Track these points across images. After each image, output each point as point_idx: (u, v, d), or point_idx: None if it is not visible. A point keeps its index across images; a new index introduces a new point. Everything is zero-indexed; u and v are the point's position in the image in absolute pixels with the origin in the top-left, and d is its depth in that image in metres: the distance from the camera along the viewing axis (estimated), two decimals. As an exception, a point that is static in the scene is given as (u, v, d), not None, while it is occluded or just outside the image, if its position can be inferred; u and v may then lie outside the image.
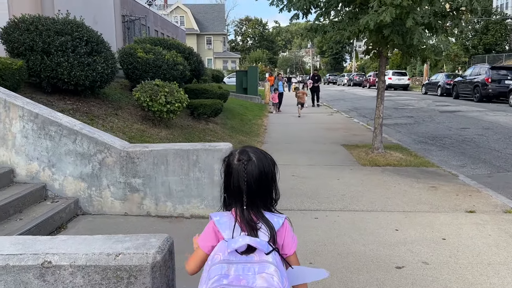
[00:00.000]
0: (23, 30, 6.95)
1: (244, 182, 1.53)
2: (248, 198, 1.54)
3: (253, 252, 1.48)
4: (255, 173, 1.54)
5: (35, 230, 3.84)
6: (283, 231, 1.61)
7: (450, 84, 25.14)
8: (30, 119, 4.65)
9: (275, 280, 1.44)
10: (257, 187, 1.55)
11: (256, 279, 1.43)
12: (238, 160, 1.57)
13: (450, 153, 8.95)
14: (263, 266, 1.46)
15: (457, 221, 4.66)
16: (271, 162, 1.63)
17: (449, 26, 7.84)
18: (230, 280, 1.42)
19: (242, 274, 1.43)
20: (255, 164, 1.56)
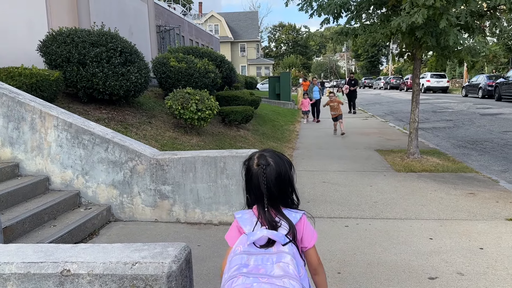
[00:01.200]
0: (60, 43, 7.23)
1: (264, 185, 1.64)
2: (268, 199, 1.66)
3: (272, 245, 1.58)
4: (274, 176, 1.66)
5: (67, 237, 3.95)
6: (301, 225, 1.72)
7: (491, 85, 24.14)
8: (64, 128, 4.81)
9: (291, 268, 1.53)
10: (276, 189, 1.66)
11: (274, 268, 1.52)
12: (257, 165, 1.68)
13: (491, 158, 8.55)
14: (280, 256, 1.56)
15: (496, 229, 4.43)
16: (287, 164, 1.75)
17: (487, 26, 7.52)
18: (250, 269, 1.53)
19: (261, 264, 1.54)
20: (273, 168, 1.68)
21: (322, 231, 4.51)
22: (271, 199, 1.66)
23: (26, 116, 4.88)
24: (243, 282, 1.50)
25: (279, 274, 1.51)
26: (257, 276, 1.51)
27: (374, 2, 7.66)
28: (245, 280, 1.50)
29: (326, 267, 3.66)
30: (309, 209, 5.27)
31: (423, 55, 7.95)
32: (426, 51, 7.82)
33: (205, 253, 3.95)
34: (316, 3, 7.63)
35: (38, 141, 4.88)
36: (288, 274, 1.51)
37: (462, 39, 6.42)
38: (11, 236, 3.71)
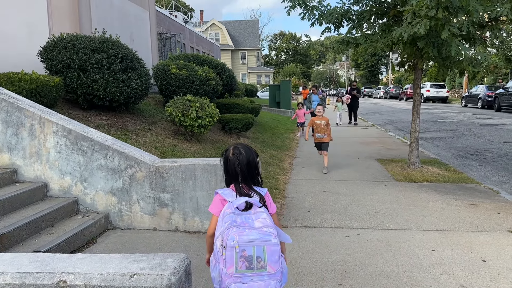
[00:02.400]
0: (61, 49, 7.22)
1: (238, 168, 2.29)
2: (241, 178, 2.30)
3: (250, 209, 2.19)
4: (245, 162, 2.30)
5: (64, 245, 3.90)
6: (266, 197, 2.35)
7: (491, 96, 24.17)
8: (63, 134, 4.78)
9: (267, 221, 2.15)
10: (246, 171, 2.30)
11: (255, 223, 2.13)
12: (232, 154, 2.33)
13: (492, 169, 8.52)
14: (258, 215, 2.18)
15: (498, 241, 4.38)
16: (254, 154, 2.38)
17: (488, 37, 7.53)
18: (238, 223, 2.11)
19: (245, 220, 2.14)
20: (244, 156, 2.31)
21: (323, 241, 4.46)
22: (244, 178, 2.30)
23: (25, 122, 4.85)
24: (237, 230, 2.07)
25: (259, 225, 2.12)
26: (245, 227, 2.09)
27: (375, 11, 7.68)
28: (238, 230, 2.07)
29: (327, 278, 3.62)
30: (310, 219, 5.23)
31: (424, 65, 7.94)
32: (427, 61, 7.81)
33: (204, 263, 3.89)
34: (317, 12, 7.64)
35: (37, 147, 4.84)
36: (266, 224, 2.13)
37: (464, 49, 6.41)
38: (7, 243, 3.66)
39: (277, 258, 2.09)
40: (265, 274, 2.06)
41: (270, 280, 2.08)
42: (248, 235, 2.06)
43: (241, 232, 2.07)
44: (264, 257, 2.06)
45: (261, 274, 2.06)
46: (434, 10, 5.75)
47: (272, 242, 2.09)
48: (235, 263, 2.03)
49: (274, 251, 2.08)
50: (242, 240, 2.05)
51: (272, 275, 2.08)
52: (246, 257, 2.04)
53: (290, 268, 3.76)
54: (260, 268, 2.05)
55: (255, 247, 2.05)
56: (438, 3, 5.71)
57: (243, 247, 2.04)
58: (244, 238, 2.05)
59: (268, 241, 2.08)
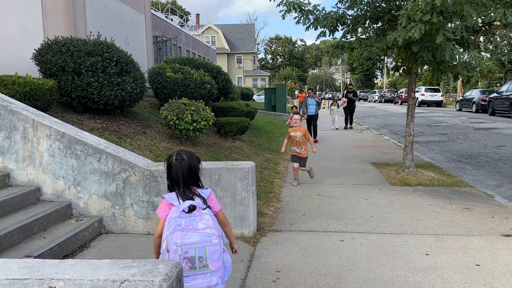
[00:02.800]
0: (55, 52, 7.18)
1: (180, 173, 2.45)
2: (183, 182, 2.45)
3: (194, 210, 2.34)
4: (186, 167, 2.46)
5: (57, 249, 3.87)
6: (211, 198, 2.52)
7: (485, 100, 24.33)
8: (57, 138, 4.74)
9: (210, 222, 2.33)
10: (188, 175, 2.46)
11: (199, 225, 2.31)
12: (175, 159, 2.48)
13: (486, 172, 8.55)
14: (201, 216, 2.34)
15: (492, 245, 4.39)
16: (196, 159, 2.54)
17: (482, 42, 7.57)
18: (183, 226, 2.28)
19: (189, 223, 2.30)
20: (186, 161, 2.47)
21: (318, 245, 4.45)
22: (185, 183, 2.45)
23: (18, 125, 4.81)
24: (180, 234, 2.25)
25: (202, 227, 2.30)
26: (188, 230, 2.27)
27: (370, 16, 7.71)
28: (181, 233, 2.25)
29: (322, 283, 3.61)
30: (305, 222, 5.22)
31: (418, 69, 7.97)
32: (422, 66, 7.85)
33: (197, 267, 3.87)
34: (312, 16, 7.66)
35: (30, 151, 4.80)
36: (209, 226, 2.31)
37: (458, 54, 6.45)
38: (-1, 248, 3.62)
39: (218, 256, 2.31)
40: (207, 271, 2.28)
41: (212, 277, 2.30)
42: (190, 238, 2.26)
43: (184, 235, 2.25)
44: (206, 257, 2.28)
45: (204, 272, 2.28)
46: (429, 14, 5.79)
47: (213, 242, 2.30)
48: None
49: (215, 251, 2.29)
50: (185, 243, 2.24)
51: (214, 272, 2.30)
52: (189, 258, 2.24)
53: (285, 272, 3.75)
54: (202, 267, 2.27)
55: (197, 248, 2.26)
56: (432, 8, 5.74)
57: (185, 249, 2.24)
58: (186, 241, 2.25)
59: (209, 242, 2.29)
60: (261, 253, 4.25)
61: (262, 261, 4.05)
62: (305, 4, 7.69)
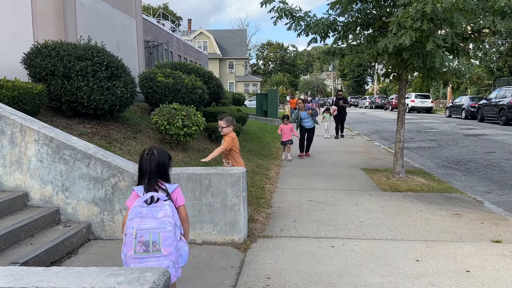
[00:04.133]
0: (45, 56, 7.12)
1: (148, 167, 2.69)
2: (149, 175, 2.69)
3: (156, 202, 2.60)
4: (155, 162, 2.70)
5: (44, 256, 3.80)
6: (175, 192, 2.75)
7: (474, 107, 24.61)
8: (45, 143, 4.68)
9: (168, 212, 2.58)
10: (155, 169, 2.70)
11: (158, 214, 2.56)
12: (146, 154, 2.74)
13: (475, 178, 8.62)
14: (162, 207, 2.60)
15: (482, 251, 4.40)
16: (166, 156, 2.80)
17: (472, 49, 7.66)
18: (143, 214, 2.55)
19: (150, 212, 2.56)
20: (156, 157, 2.72)
21: (308, 251, 4.43)
22: (151, 176, 2.68)
23: (5, 130, 4.74)
24: (139, 220, 2.52)
25: (161, 216, 2.56)
26: (147, 218, 2.54)
27: (360, 23, 7.76)
28: (140, 220, 2.53)
29: (312, 289, 3.59)
30: (295, 228, 5.20)
31: (409, 76, 8.03)
32: (412, 72, 7.91)
33: (187, 274, 3.83)
34: (304, 22, 7.69)
35: (17, 156, 4.73)
36: (167, 215, 2.57)
37: (448, 61, 6.51)
38: (-16, 255, 3.55)
39: (170, 242, 2.54)
40: (160, 255, 2.54)
41: (164, 260, 2.55)
42: (146, 224, 2.52)
43: (141, 221, 2.52)
44: (159, 242, 2.52)
45: (157, 255, 2.53)
46: (419, 21, 5.84)
47: (167, 229, 2.54)
48: (134, 247, 2.51)
49: (169, 237, 2.54)
50: (140, 228, 2.51)
51: (166, 256, 2.56)
52: (143, 242, 2.50)
53: (275, 279, 3.73)
54: (155, 251, 2.52)
55: (151, 233, 2.51)
56: (423, 15, 5.79)
57: (141, 234, 2.50)
58: (142, 226, 2.51)
59: (164, 228, 2.53)
60: (252, 259, 4.22)
61: (253, 267, 4.01)
62: (297, 11, 7.72)
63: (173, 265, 2.60)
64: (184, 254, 2.74)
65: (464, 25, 6.13)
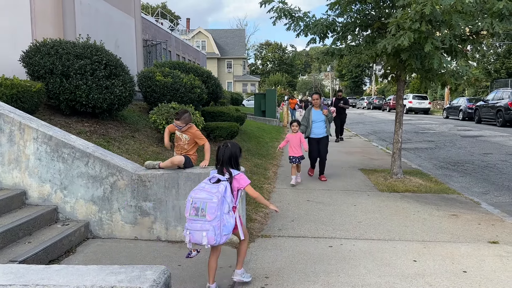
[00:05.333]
0: (44, 54, 7.10)
1: (222, 155, 3.49)
2: (222, 162, 3.49)
3: (218, 183, 3.33)
4: (228, 153, 3.49)
5: (42, 254, 3.80)
6: (237, 176, 3.47)
7: (472, 108, 24.67)
8: (44, 141, 4.68)
9: (221, 189, 3.28)
10: (227, 159, 3.48)
11: (213, 189, 3.27)
12: (222, 146, 3.54)
13: (472, 180, 8.65)
14: (219, 185, 3.31)
15: (479, 252, 4.43)
16: (238, 149, 3.59)
17: (470, 50, 7.69)
18: (203, 188, 3.31)
19: (209, 188, 3.30)
20: (229, 148, 3.51)
21: (306, 251, 4.44)
22: (223, 163, 3.48)
23: (4, 128, 4.73)
24: (197, 191, 3.29)
25: (214, 191, 3.26)
26: (203, 191, 3.28)
27: (359, 24, 7.78)
28: (198, 191, 3.29)
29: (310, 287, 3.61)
30: (293, 228, 5.22)
31: (407, 77, 8.06)
32: (410, 73, 7.93)
33: (186, 273, 3.84)
34: (302, 23, 7.70)
35: (16, 154, 4.73)
36: (218, 191, 3.26)
37: (446, 63, 6.53)
38: (-18, 253, 3.55)
39: (213, 211, 3.21)
40: (204, 220, 3.21)
41: (207, 224, 3.21)
42: (200, 195, 3.26)
43: (198, 192, 3.28)
44: (206, 209, 3.21)
45: (202, 220, 3.22)
46: (418, 23, 5.85)
47: (213, 201, 3.22)
48: (189, 210, 3.26)
49: (212, 207, 3.20)
50: (195, 197, 3.26)
51: (209, 222, 3.21)
52: (195, 207, 3.24)
53: (273, 279, 3.74)
54: (202, 216, 3.22)
55: (201, 202, 3.23)
56: (422, 17, 5.81)
57: (195, 201, 3.25)
58: (196, 196, 3.26)
59: (210, 200, 3.22)
60: (250, 259, 4.23)
61: (251, 267, 4.02)
62: (296, 11, 7.73)
63: (213, 230, 3.20)
64: (228, 226, 3.31)
65: (462, 27, 6.15)
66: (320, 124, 8.18)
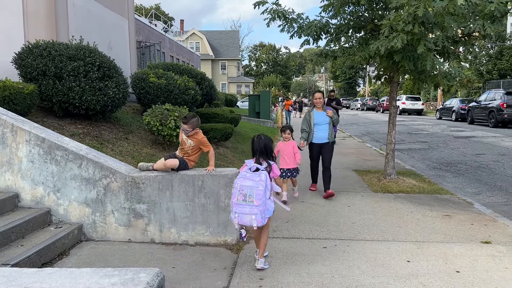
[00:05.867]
0: (36, 56, 7.07)
1: (258, 147, 3.97)
2: (258, 153, 3.96)
3: (258, 172, 3.78)
4: (262, 144, 3.98)
5: (35, 257, 3.78)
6: (274, 166, 3.96)
7: (464, 109, 24.86)
8: (36, 143, 4.65)
9: (263, 178, 3.74)
10: (263, 149, 3.96)
11: (256, 178, 3.73)
12: (256, 138, 4.03)
13: (465, 180, 8.71)
14: (260, 174, 3.77)
15: (472, 252, 4.46)
16: (270, 140, 4.06)
17: (462, 52, 7.75)
18: (247, 177, 3.75)
19: (251, 176, 3.75)
20: (263, 140, 4.00)
21: (301, 252, 4.45)
22: (260, 153, 3.95)
23: (-4, 130, 4.70)
24: (242, 180, 3.75)
25: (257, 179, 3.72)
26: (248, 179, 3.73)
27: (353, 25, 7.80)
28: (243, 180, 3.75)
29: (304, 290, 3.61)
30: (288, 229, 5.22)
31: (400, 78, 8.10)
32: (403, 75, 7.97)
33: (180, 275, 3.83)
34: (296, 24, 7.71)
35: (8, 156, 4.70)
36: (261, 180, 3.72)
37: (439, 64, 6.57)
38: (-26, 256, 3.52)
39: (260, 197, 3.67)
40: (252, 205, 3.67)
41: (254, 208, 3.67)
42: (247, 183, 3.72)
43: (244, 180, 3.74)
44: (253, 196, 3.67)
45: (250, 205, 3.67)
46: (411, 25, 5.89)
47: (259, 189, 3.69)
48: (237, 196, 3.71)
49: (259, 194, 3.67)
50: (242, 185, 3.72)
51: (257, 206, 3.67)
52: (243, 194, 3.69)
53: (268, 280, 3.74)
54: (250, 201, 3.67)
55: (249, 189, 3.69)
56: (414, 18, 5.85)
57: (242, 188, 3.71)
58: (243, 184, 3.72)
59: (257, 187, 3.69)
60: (244, 260, 4.23)
61: (245, 268, 4.02)
62: (289, 13, 7.75)
63: (260, 214, 3.67)
64: (270, 209, 3.83)
65: (454, 28, 6.20)
66: (324, 127, 7.08)
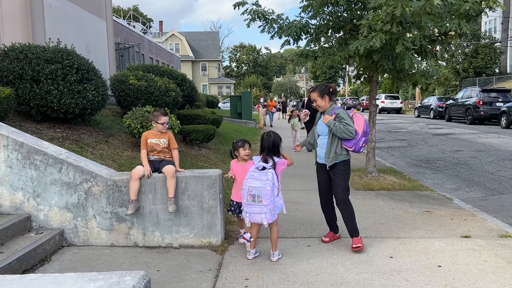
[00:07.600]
0: (12, 59, 6.92)
1: (266, 144, 4.10)
2: (266, 150, 4.09)
3: (264, 170, 3.97)
4: (271, 141, 4.11)
5: (16, 264, 3.70)
6: (279, 162, 4.11)
7: (442, 107, 25.37)
8: (15, 148, 4.56)
9: (270, 177, 3.94)
10: (271, 146, 4.09)
11: (263, 177, 3.93)
12: (266, 135, 4.15)
13: (444, 176, 8.88)
14: (267, 173, 3.97)
15: (452, 246, 4.55)
16: (279, 138, 4.19)
17: (439, 50, 7.91)
18: (254, 177, 3.95)
19: (258, 175, 3.95)
20: (272, 137, 4.12)
21: (285, 251, 4.47)
22: (268, 150, 4.08)
23: (-28, 135, 4.58)
24: (250, 180, 3.95)
25: (264, 179, 3.91)
26: (255, 179, 3.93)
27: (332, 25, 7.89)
28: (251, 180, 3.94)
29: (290, 289, 3.63)
30: (271, 230, 5.23)
31: (379, 77, 8.22)
32: (383, 74, 8.10)
33: (165, 278, 3.80)
34: (276, 25, 7.75)
35: (-15, 162, 4.58)
36: (268, 179, 3.91)
37: (417, 63, 6.69)
38: (-48, 265, 3.42)
39: (268, 197, 3.88)
40: (262, 204, 3.90)
41: (264, 207, 3.90)
42: (255, 184, 3.91)
43: (252, 181, 3.93)
44: (262, 196, 3.88)
45: (260, 204, 3.90)
46: (389, 24, 5.99)
47: (267, 189, 3.88)
48: (246, 197, 3.94)
49: (267, 194, 3.88)
50: (250, 186, 3.92)
51: (266, 206, 3.90)
52: (252, 194, 3.91)
53: (253, 280, 3.75)
54: (259, 202, 3.89)
55: (257, 190, 3.89)
56: (392, 18, 5.95)
57: (250, 189, 3.92)
58: (251, 184, 3.92)
59: (264, 188, 3.89)
60: (229, 261, 4.23)
61: (231, 269, 4.02)
62: (270, 13, 7.78)
63: (270, 212, 3.90)
64: (278, 206, 4.05)
65: (431, 28, 6.33)
66: (323, 140, 4.85)
